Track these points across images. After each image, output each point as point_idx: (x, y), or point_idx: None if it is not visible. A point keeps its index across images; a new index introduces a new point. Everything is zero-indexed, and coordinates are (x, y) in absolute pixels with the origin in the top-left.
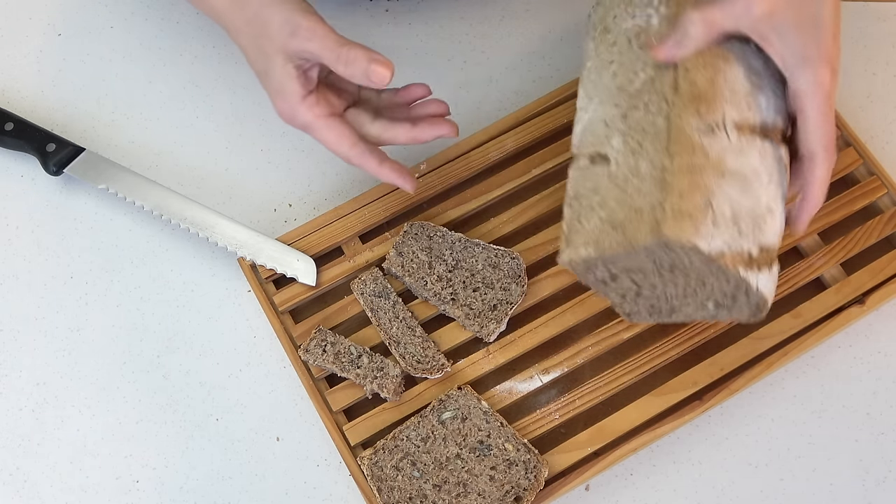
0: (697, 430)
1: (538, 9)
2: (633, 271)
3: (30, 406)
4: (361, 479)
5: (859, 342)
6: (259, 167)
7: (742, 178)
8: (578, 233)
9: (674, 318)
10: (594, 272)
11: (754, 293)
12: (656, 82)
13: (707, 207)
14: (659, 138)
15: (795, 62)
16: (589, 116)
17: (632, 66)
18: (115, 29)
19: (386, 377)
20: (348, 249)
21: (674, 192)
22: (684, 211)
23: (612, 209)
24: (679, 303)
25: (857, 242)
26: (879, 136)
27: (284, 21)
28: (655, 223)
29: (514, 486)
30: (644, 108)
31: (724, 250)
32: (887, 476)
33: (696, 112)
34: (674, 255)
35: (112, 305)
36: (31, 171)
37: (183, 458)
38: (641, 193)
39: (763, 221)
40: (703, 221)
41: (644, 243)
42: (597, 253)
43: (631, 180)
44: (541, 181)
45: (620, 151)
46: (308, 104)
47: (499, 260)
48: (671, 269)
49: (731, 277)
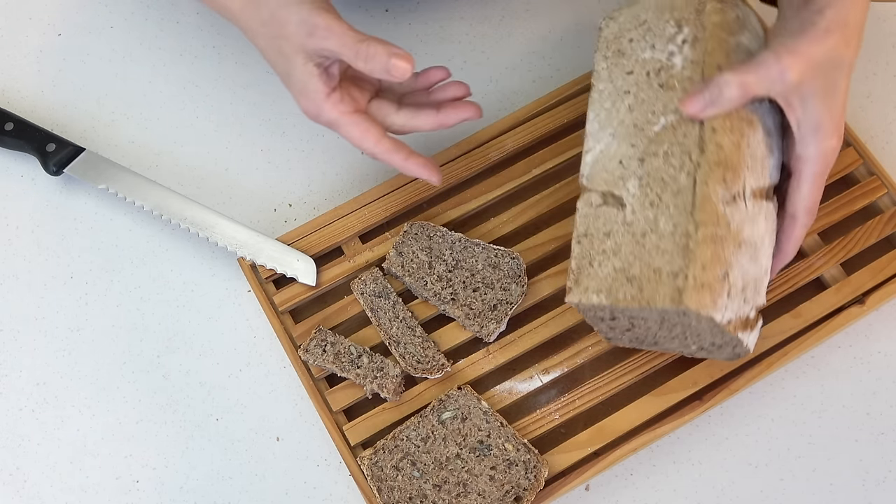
0: (697, 430)
1: (538, 9)
2: (635, 318)
3: (30, 406)
4: (361, 479)
5: (859, 342)
6: (259, 167)
7: (753, 247)
8: (590, 277)
9: (653, 348)
10: (597, 312)
11: (743, 348)
12: (678, 132)
13: (724, 280)
14: (682, 198)
15: (809, 130)
16: (601, 149)
17: (650, 105)
18: (115, 29)
19: (386, 377)
20: (348, 249)
21: (697, 263)
22: (706, 283)
23: (627, 260)
24: (665, 341)
25: (857, 242)
26: (879, 136)
27: (301, 21)
28: (677, 291)
29: (514, 486)
30: (664, 158)
31: (732, 318)
32: (887, 476)
33: (722, 180)
34: (685, 318)
35: (112, 305)
36: (31, 171)
37: (183, 458)
38: (660, 252)
39: (761, 284)
40: (721, 294)
41: (662, 306)
42: (609, 302)
43: (649, 235)
44: (541, 181)
45: (637, 198)
46: (333, 102)
47: (499, 260)
48: (673, 324)
49: (729, 338)
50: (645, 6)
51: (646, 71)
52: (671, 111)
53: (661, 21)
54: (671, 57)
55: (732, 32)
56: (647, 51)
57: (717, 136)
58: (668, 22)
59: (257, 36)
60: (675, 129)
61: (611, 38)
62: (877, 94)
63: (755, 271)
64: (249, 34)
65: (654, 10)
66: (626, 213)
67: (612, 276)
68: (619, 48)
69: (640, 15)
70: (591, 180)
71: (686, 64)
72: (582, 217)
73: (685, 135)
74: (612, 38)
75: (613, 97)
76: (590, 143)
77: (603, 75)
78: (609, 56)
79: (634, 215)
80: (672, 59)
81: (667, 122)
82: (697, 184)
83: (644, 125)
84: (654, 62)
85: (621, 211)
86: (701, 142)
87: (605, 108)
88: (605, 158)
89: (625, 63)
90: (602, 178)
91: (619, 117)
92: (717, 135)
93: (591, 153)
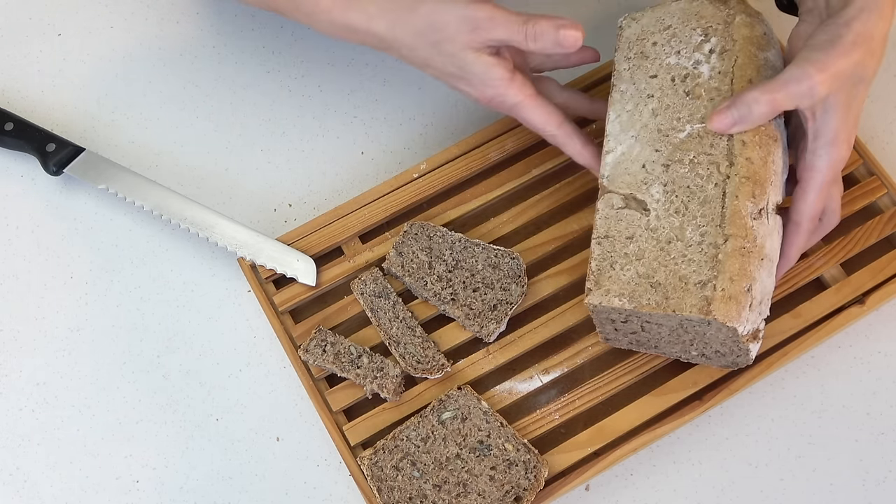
0: (697, 430)
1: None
2: (650, 323)
3: (30, 406)
4: (361, 479)
5: (859, 342)
6: (259, 167)
7: (770, 262)
8: (612, 280)
9: (650, 351)
10: (611, 314)
11: (747, 358)
12: (705, 142)
13: (748, 293)
14: (710, 209)
15: (824, 142)
16: (623, 150)
17: (676, 111)
18: (115, 29)
19: (386, 377)
20: (348, 249)
21: (725, 275)
22: (733, 296)
23: (651, 266)
24: (666, 345)
25: (857, 242)
26: (879, 136)
27: (462, 18)
28: (705, 301)
29: (514, 486)
30: (690, 166)
31: (749, 330)
32: (887, 476)
33: (751, 195)
34: (707, 327)
35: (112, 305)
36: (31, 171)
37: (183, 458)
38: (687, 261)
39: (770, 297)
40: (745, 306)
41: (689, 315)
42: (631, 306)
43: (675, 243)
44: (541, 181)
45: (661, 204)
46: (518, 85)
47: (499, 260)
48: (686, 331)
49: (740, 349)
50: (670, 11)
51: (671, 76)
52: (697, 120)
53: (688, 28)
54: (697, 65)
55: (761, 48)
56: (671, 56)
57: (747, 150)
58: (695, 30)
59: (415, 49)
60: (701, 138)
61: (633, 39)
62: (877, 94)
63: (770, 285)
64: (405, 51)
65: (680, 16)
66: (651, 218)
67: (634, 281)
68: (643, 50)
69: (664, 19)
70: (612, 181)
71: (713, 74)
72: (602, 218)
73: (712, 145)
74: (634, 40)
75: (636, 99)
76: (611, 143)
77: (625, 76)
78: (631, 57)
79: (659, 221)
80: (699, 67)
81: (693, 130)
82: (727, 196)
83: (669, 131)
84: (680, 68)
85: (644, 216)
86: (730, 154)
87: (626, 110)
88: (627, 161)
89: (648, 66)
90: (624, 181)
91: (642, 121)
92: (747, 149)
93: (613, 154)
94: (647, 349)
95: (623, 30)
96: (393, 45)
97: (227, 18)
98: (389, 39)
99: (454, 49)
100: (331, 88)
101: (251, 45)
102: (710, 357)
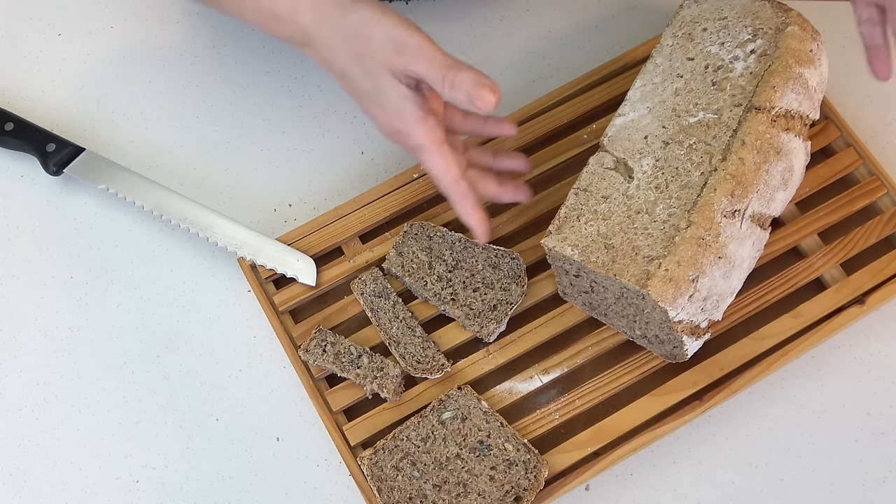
0: (697, 430)
1: (538, 9)
2: (597, 283)
3: (30, 406)
4: (361, 479)
5: (859, 342)
6: (259, 167)
7: (730, 265)
8: (573, 230)
9: (601, 319)
10: (565, 264)
11: (681, 351)
12: (709, 133)
13: (693, 282)
14: (687, 193)
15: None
16: (633, 118)
17: (696, 97)
18: (115, 29)
19: (386, 377)
20: (348, 249)
21: (674, 257)
22: (674, 279)
23: (612, 229)
24: (614, 315)
25: (857, 242)
26: (879, 136)
27: (389, 38)
28: (645, 275)
29: (514, 486)
30: (687, 150)
31: (684, 319)
32: (887, 476)
33: (730, 192)
34: (642, 301)
35: (112, 305)
36: (31, 171)
37: (183, 458)
38: (646, 234)
39: (724, 301)
40: (683, 294)
41: (626, 283)
42: (580, 259)
43: (643, 215)
44: (541, 181)
45: (647, 177)
46: (427, 127)
47: (499, 260)
48: (629, 303)
49: (674, 337)
50: (731, 3)
51: (705, 64)
52: (712, 110)
53: (741, 24)
54: (734, 61)
55: (801, 63)
56: (714, 45)
57: (743, 151)
58: (747, 27)
59: (336, 53)
60: (707, 127)
61: (687, 20)
62: (877, 94)
63: (723, 287)
64: (325, 52)
65: (739, 11)
66: (632, 186)
67: (592, 237)
68: (690, 32)
69: (722, 9)
70: (611, 143)
71: (744, 73)
72: (589, 173)
73: (715, 137)
74: (688, 20)
75: (665, 75)
76: (625, 108)
77: (665, 51)
78: (678, 35)
79: (638, 191)
80: (734, 63)
81: (703, 118)
82: (707, 187)
83: (682, 113)
84: (717, 59)
85: (627, 182)
86: (726, 150)
87: (653, 83)
88: (632, 128)
89: (690, 48)
90: (622, 146)
91: (662, 96)
92: (744, 149)
93: (622, 118)
94: (598, 315)
95: (682, 9)
96: (314, 44)
97: (227, 18)
98: (313, 35)
99: (375, 66)
100: (331, 88)
101: (251, 45)
102: (651, 341)
